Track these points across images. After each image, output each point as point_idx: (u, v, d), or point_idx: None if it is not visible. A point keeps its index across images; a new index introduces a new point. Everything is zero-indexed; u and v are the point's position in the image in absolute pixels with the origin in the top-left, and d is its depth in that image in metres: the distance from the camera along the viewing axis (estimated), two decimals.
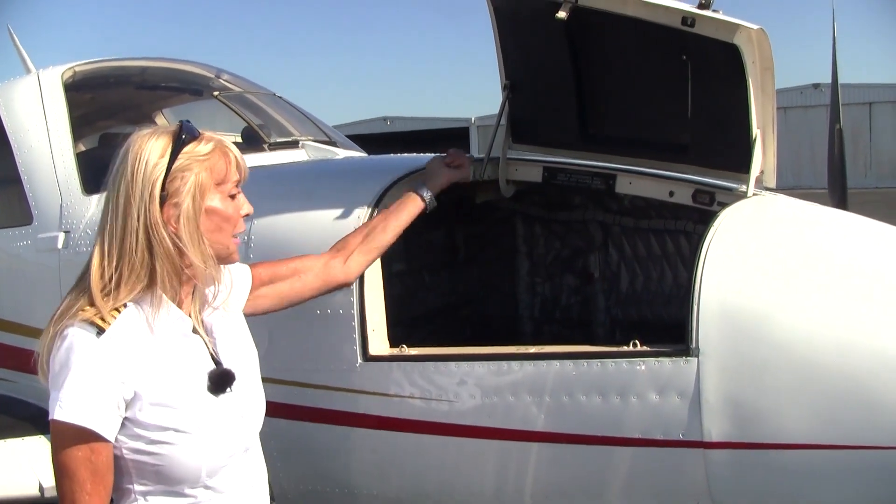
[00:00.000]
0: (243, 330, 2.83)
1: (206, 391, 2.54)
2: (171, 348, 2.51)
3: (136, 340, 2.44)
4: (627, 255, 4.84)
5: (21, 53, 7.90)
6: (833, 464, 3.10)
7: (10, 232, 5.33)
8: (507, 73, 4.26)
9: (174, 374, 2.50)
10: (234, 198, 2.61)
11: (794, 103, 43.69)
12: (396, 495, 3.82)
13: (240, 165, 2.61)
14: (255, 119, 6.09)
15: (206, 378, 2.55)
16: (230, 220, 2.60)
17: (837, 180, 6.77)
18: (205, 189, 2.52)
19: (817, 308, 3.16)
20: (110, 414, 2.41)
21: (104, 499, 2.47)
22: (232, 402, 2.59)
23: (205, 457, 2.50)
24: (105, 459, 2.44)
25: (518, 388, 3.45)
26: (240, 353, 2.71)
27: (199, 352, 2.59)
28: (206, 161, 2.53)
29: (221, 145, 2.59)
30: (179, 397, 2.48)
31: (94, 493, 2.44)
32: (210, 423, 2.52)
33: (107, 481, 2.46)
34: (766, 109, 3.62)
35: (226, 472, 2.58)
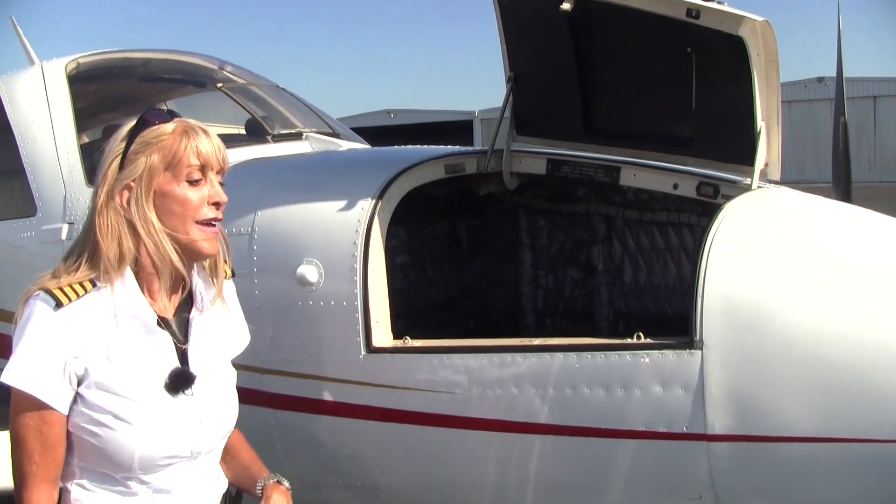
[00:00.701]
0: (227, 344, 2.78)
1: (161, 387, 2.51)
2: (130, 337, 2.50)
3: (92, 320, 2.45)
4: (631, 248, 4.83)
5: (24, 45, 7.91)
6: (835, 457, 3.10)
7: (13, 223, 5.32)
8: (511, 66, 4.26)
9: (127, 362, 2.48)
10: (197, 183, 2.55)
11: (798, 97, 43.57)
12: (399, 487, 3.82)
13: (200, 150, 2.54)
14: (258, 111, 6.08)
15: (166, 375, 2.52)
16: (185, 205, 2.53)
17: (841, 174, 6.76)
18: (154, 171, 2.51)
19: (821, 301, 3.16)
20: (60, 386, 2.43)
21: (51, 471, 2.48)
22: (189, 405, 2.56)
23: (141, 450, 2.47)
24: (57, 432, 2.46)
25: (521, 380, 3.45)
26: (214, 361, 2.68)
27: (164, 348, 2.56)
28: (159, 144, 2.52)
29: (183, 129, 2.55)
30: (127, 386, 2.47)
31: (41, 463, 2.47)
32: (155, 420, 2.49)
33: (56, 454, 2.48)
34: (771, 102, 3.62)
35: (168, 474, 2.55)
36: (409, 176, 4.02)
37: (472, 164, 4.40)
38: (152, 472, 2.52)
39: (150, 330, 2.53)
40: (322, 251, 3.77)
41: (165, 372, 2.52)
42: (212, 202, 2.57)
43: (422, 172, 4.11)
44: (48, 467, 2.48)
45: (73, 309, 2.43)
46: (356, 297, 3.69)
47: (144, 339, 2.52)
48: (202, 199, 2.55)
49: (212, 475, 2.71)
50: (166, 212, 2.52)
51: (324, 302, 3.72)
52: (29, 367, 2.42)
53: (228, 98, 6.13)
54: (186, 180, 2.53)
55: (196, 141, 2.54)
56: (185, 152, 2.52)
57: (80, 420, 2.47)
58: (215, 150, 2.58)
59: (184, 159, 2.52)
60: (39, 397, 2.42)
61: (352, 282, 3.68)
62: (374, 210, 3.77)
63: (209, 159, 2.55)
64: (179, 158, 2.52)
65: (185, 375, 2.55)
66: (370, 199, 3.81)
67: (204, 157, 2.54)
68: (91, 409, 2.46)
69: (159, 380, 2.51)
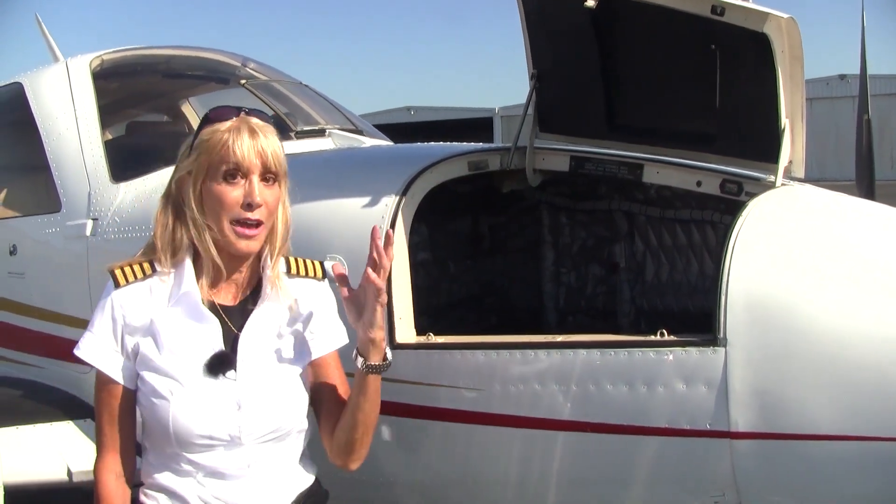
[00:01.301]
0: (297, 341, 2.83)
1: (201, 368, 2.65)
2: (179, 319, 2.68)
3: (145, 301, 2.69)
4: (653, 245, 4.82)
5: (49, 42, 7.95)
6: (859, 455, 3.09)
7: (38, 219, 5.37)
8: (534, 63, 4.26)
9: (172, 342, 2.66)
10: (234, 183, 2.64)
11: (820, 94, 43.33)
12: (422, 482, 3.84)
13: (235, 151, 2.62)
14: (281, 107, 6.10)
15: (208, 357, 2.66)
16: (219, 203, 2.64)
17: (865, 171, 6.73)
18: (201, 167, 2.65)
19: (845, 299, 3.15)
20: (118, 360, 2.70)
21: (118, 442, 2.74)
22: (229, 389, 2.66)
23: (175, 425, 2.62)
24: (120, 403, 2.72)
25: (545, 376, 3.45)
26: (270, 353, 2.76)
27: (212, 332, 2.69)
28: (209, 141, 2.64)
29: (231, 128, 2.64)
30: (169, 364, 2.65)
31: (108, 433, 2.74)
32: (190, 397, 2.63)
33: (124, 426, 2.73)
34: (795, 99, 3.60)
35: (211, 457, 2.67)
36: (432, 172, 4.03)
37: (495, 161, 4.40)
38: (195, 452, 2.65)
39: (199, 314, 2.69)
40: (346, 247, 3.78)
41: (209, 354, 2.65)
42: (244, 203, 2.63)
43: (445, 169, 4.12)
44: (115, 437, 2.73)
45: (129, 290, 2.69)
46: None
47: (192, 322, 2.68)
48: (235, 198, 2.63)
49: (268, 469, 2.77)
50: (207, 208, 2.66)
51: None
52: (91, 341, 2.72)
53: (251, 95, 6.15)
54: (223, 178, 2.63)
55: (237, 142, 2.62)
56: (224, 151, 2.62)
57: (140, 397, 2.70)
58: (257, 152, 2.65)
59: (222, 158, 2.62)
60: (101, 369, 2.71)
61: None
62: (398, 206, 3.78)
63: (242, 161, 2.63)
64: (219, 157, 2.63)
65: (225, 358, 2.67)
66: (394, 196, 3.82)
67: (238, 157, 2.62)
68: (143, 384, 2.68)
69: (201, 361, 2.65)
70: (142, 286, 2.70)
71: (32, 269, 5.42)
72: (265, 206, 2.66)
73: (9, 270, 5.51)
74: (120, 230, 4.82)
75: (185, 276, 2.68)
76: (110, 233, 4.86)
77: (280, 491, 2.80)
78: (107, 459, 2.74)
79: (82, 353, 2.73)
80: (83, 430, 4.83)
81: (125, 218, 4.83)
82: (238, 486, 2.70)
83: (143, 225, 4.68)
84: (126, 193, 4.96)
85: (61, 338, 5.14)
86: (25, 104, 5.59)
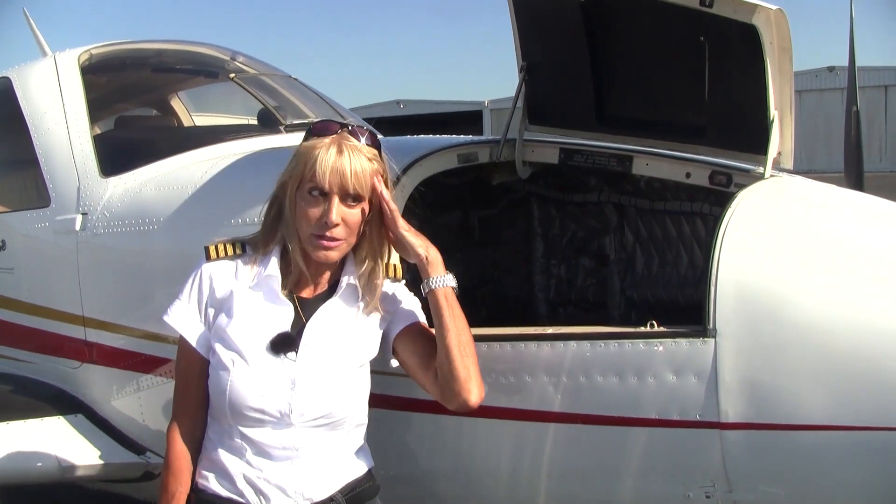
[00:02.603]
0: (368, 337, 3.02)
1: (265, 345, 2.82)
2: (255, 299, 2.88)
3: (229, 277, 2.91)
4: (643, 237, 4.83)
5: (37, 36, 7.92)
6: (849, 445, 3.10)
7: (27, 214, 5.35)
8: (523, 55, 4.26)
9: (243, 318, 2.85)
10: (317, 200, 2.80)
11: (809, 86, 43.46)
12: (414, 475, 3.84)
13: (317, 172, 2.77)
14: (270, 101, 6.10)
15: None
16: (303, 217, 2.82)
17: (854, 163, 6.75)
18: (296, 178, 2.84)
19: (834, 290, 3.16)
20: (198, 327, 2.91)
21: (190, 408, 2.96)
22: (287, 368, 2.82)
23: (231, 393, 2.79)
24: (196, 370, 2.93)
25: (535, 368, 3.45)
26: (334, 345, 2.91)
27: (283, 316, 2.88)
28: (305, 156, 2.82)
29: (326, 149, 2.79)
30: (236, 337, 2.83)
31: (182, 396, 2.98)
32: (249, 370, 2.80)
33: (197, 392, 2.93)
34: (784, 91, 3.61)
35: (262, 433, 2.82)
36: (421, 165, 4.03)
37: (484, 154, 4.40)
38: (246, 426, 2.83)
39: (276, 297, 2.89)
40: None
41: (275, 334, 2.84)
42: (321, 221, 2.80)
43: (434, 162, 4.12)
44: (188, 403, 2.96)
45: (218, 264, 2.94)
46: None
47: (267, 304, 2.88)
48: (314, 215, 2.81)
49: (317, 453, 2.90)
50: (297, 215, 2.84)
51: None
52: (178, 307, 2.94)
53: (241, 88, 6.16)
54: (308, 193, 2.81)
55: (321, 162, 2.78)
56: (311, 170, 2.79)
57: (209, 367, 2.88)
58: (339, 174, 2.79)
59: (309, 175, 2.80)
60: (185, 335, 2.92)
61: None
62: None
63: (322, 182, 2.78)
64: (309, 172, 2.80)
65: (289, 339, 2.85)
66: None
67: (318, 178, 2.79)
68: (213, 356, 2.86)
69: (267, 339, 2.82)
70: (230, 263, 2.94)
71: (22, 264, 5.41)
72: (343, 226, 2.82)
73: None
74: (109, 225, 4.80)
75: (270, 263, 2.89)
76: (100, 227, 4.84)
77: (327, 479, 2.93)
78: (178, 423, 2.96)
79: (171, 319, 2.94)
80: (74, 426, 4.83)
81: (115, 212, 4.82)
82: (284, 469, 2.84)
83: (133, 219, 4.68)
84: (115, 188, 4.94)
85: (51, 333, 5.14)
86: (13, 99, 5.58)
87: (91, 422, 4.87)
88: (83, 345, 4.92)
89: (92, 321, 4.85)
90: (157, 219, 4.54)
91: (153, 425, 4.57)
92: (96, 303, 4.84)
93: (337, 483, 2.95)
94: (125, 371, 4.68)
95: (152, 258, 4.50)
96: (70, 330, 5.00)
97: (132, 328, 4.59)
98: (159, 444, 3.10)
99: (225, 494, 2.86)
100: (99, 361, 4.86)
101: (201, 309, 2.91)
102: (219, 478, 2.87)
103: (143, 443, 4.74)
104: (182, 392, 2.98)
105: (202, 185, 4.42)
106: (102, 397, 4.88)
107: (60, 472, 4.58)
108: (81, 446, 4.73)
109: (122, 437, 4.82)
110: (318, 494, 2.90)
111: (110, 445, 4.79)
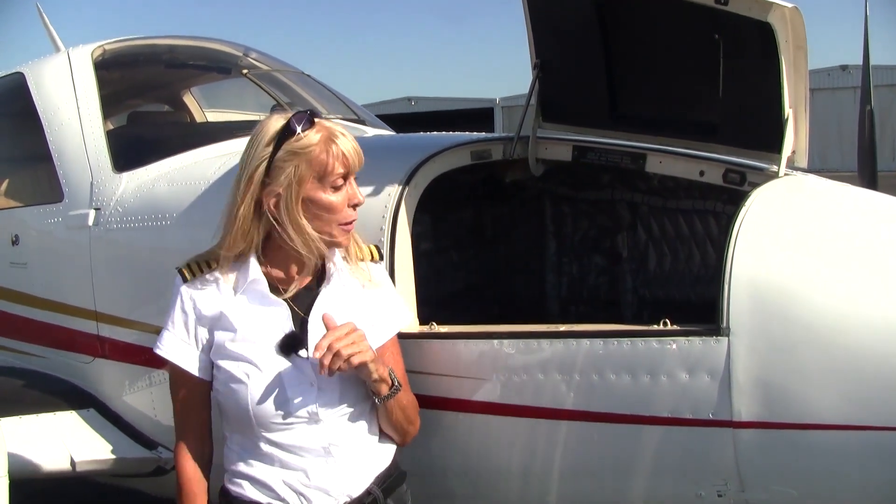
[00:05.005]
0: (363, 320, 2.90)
1: (273, 350, 2.77)
2: (247, 307, 2.81)
3: (214, 293, 2.83)
4: (655, 235, 4.82)
5: (50, 32, 7.94)
6: (863, 445, 3.09)
7: (40, 209, 5.37)
8: (537, 52, 4.25)
9: (243, 328, 2.80)
10: (340, 188, 2.76)
11: (822, 85, 43.25)
12: (424, 472, 3.83)
13: (346, 158, 2.74)
14: (283, 97, 6.10)
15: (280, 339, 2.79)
16: (332, 210, 2.77)
17: (867, 162, 6.71)
18: (302, 180, 2.71)
19: (849, 289, 3.14)
20: (193, 352, 2.85)
21: (194, 430, 2.93)
22: (303, 368, 2.79)
23: (254, 407, 2.75)
24: (196, 395, 2.90)
25: (547, 366, 3.45)
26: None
27: (280, 315, 2.82)
28: (307, 154, 2.70)
29: (328, 138, 2.73)
30: (243, 349, 2.78)
31: (183, 421, 2.94)
32: (267, 379, 2.76)
33: (199, 415, 2.92)
34: (799, 89, 3.60)
35: (291, 436, 2.80)
36: (435, 162, 4.02)
37: (497, 151, 4.40)
38: (275, 431, 2.79)
39: (267, 300, 2.82)
40: None
41: (280, 336, 2.78)
42: (351, 204, 2.79)
43: (448, 159, 4.11)
44: (190, 425, 2.93)
45: (196, 284, 2.86)
46: None
47: (261, 308, 2.82)
48: (344, 202, 2.77)
49: (349, 447, 2.90)
50: (312, 215, 2.75)
51: None
52: (168, 338, 2.87)
53: (253, 84, 6.15)
54: (332, 187, 2.74)
55: (341, 149, 2.73)
56: (333, 162, 2.72)
57: (217, 385, 2.85)
58: (356, 153, 2.78)
59: (331, 169, 2.72)
60: (179, 364, 2.86)
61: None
62: (401, 196, 3.78)
63: (353, 165, 2.76)
64: (328, 169, 2.72)
65: (296, 338, 2.80)
66: (397, 186, 3.81)
67: (350, 164, 2.76)
68: (221, 373, 2.82)
69: (273, 343, 2.77)
70: (209, 280, 2.86)
71: (35, 259, 5.42)
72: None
73: (11, 261, 5.51)
74: (122, 220, 4.82)
75: (250, 267, 2.81)
76: (112, 223, 4.86)
77: (361, 472, 2.93)
78: (186, 447, 2.92)
79: (163, 351, 2.88)
80: (86, 420, 4.85)
81: (127, 208, 4.83)
82: (322, 467, 2.83)
83: (145, 215, 4.69)
84: (128, 183, 4.95)
85: (64, 328, 5.15)
86: (27, 94, 5.59)
87: (103, 417, 4.88)
88: (96, 340, 4.94)
89: (104, 316, 4.87)
90: (169, 214, 4.55)
91: (165, 420, 4.56)
92: (109, 298, 4.85)
93: (370, 475, 2.96)
94: (137, 366, 4.69)
95: (165, 254, 4.49)
96: (83, 325, 5.01)
97: (145, 323, 4.59)
98: (171, 438, 3.08)
99: (265, 501, 2.84)
100: (111, 356, 4.88)
101: (189, 332, 2.85)
102: (254, 485, 2.85)
103: (155, 438, 4.74)
104: (184, 417, 2.96)
105: (215, 180, 4.43)
106: (114, 392, 4.90)
107: (72, 466, 4.58)
108: (93, 441, 4.74)
109: (134, 432, 4.83)
110: (356, 489, 2.90)
111: (122, 440, 4.80)
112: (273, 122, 2.76)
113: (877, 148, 6.99)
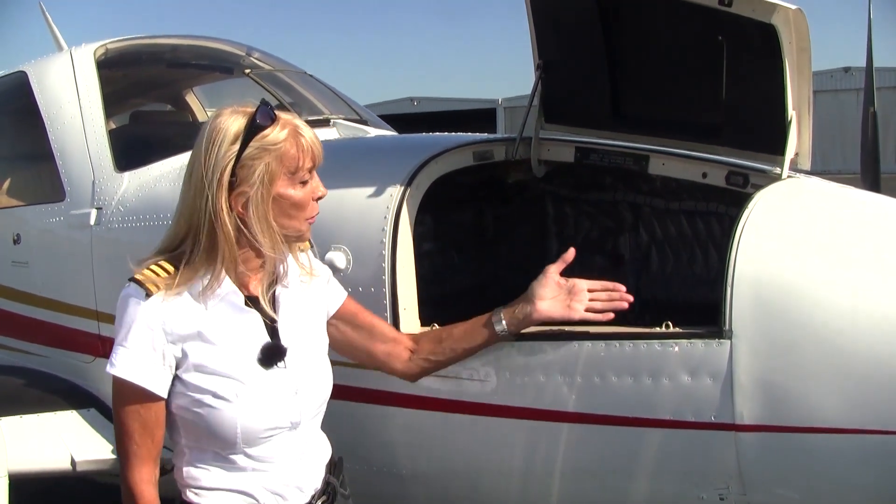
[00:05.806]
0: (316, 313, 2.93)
1: (255, 363, 2.64)
2: (221, 319, 2.62)
3: (183, 307, 2.58)
4: (658, 237, 4.80)
5: (53, 31, 7.96)
6: (865, 448, 3.08)
7: (42, 208, 5.37)
8: (540, 53, 4.25)
9: (220, 342, 2.61)
10: (307, 183, 2.66)
11: (824, 87, 43.24)
12: (425, 473, 3.83)
13: (313, 151, 2.65)
14: (286, 97, 6.10)
15: (258, 350, 2.65)
16: (300, 206, 2.67)
17: (870, 164, 6.71)
18: (274, 177, 2.58)
19: (852, 292, 3.13)
20: (159, 371, 2.58)
21: (151, 452, 2.65)
22: (284, 377, 2.68)
23: (242, 425, 2.60)
24: (154, 414, 2.62)
25: (549, 368, 3.44)
26: (305, 332, 2.80)
27: (254, 325, 2.68)
28: (277, 150, 2.57)
29: (295, 132, 2.62)
30: (223, 365, 2.60)
31: (141, 444, 2.62)
32: (253, 394, 2.61)
33: (155, 435, 2.65)
34: (802, 91, 3.59)
35: (271, 446, 2.68)
36: (437, 163, 4.02)
37: (500, 152, 4.39)
38: (256, 446, 2.66)
39: (240, 310, 2.66)
40: (350, 238, 3.78)
41: (258, 348, 2.65)
42: (315, 197, 2.70)
43: (450, 159, 4.11)
44: (149, 448, 2.64)
45: (160, 296, 2.57)
46: (384, 283, 3.70)
47: (235, 319, 2.65)
48: (309, 196, 2.67)
49: (314, 443, 2.85)
50: (281, 213, 2.63)
51: (352, 288, 3.71)
52: (126, 357, 2.56)
53: (256, 84, 6.15)
54: (300, 182, 2.64)
55: (308, 143, 2.62)
56: (302, 157, 2.61)
57: (184, 402, 2.62)
58: (319, 144, 2.68)
59: (301, 164, 2.62)
60: (140, 384, 2.56)
61: (380, 268, 3.69)
62: (403, 197, 3.78)
63: (318, 157, 2.67)
64: (298, 164, 2.61)
65: (277, 349, 2.68)
66: (399, 186, 3.81)
67: (316, 156, 2.66)
68: (192, 390, 2.60)
69: (252, 356, 2.63)
70: (173, 292, 2.58)
71: (36, 258, 5.43)
72: None
73: (13, 259, 5.52)
74: (124, 219, 4.82)
75: (221, 277, 2.61)
76: (114, 222, 4.86)
77: (322, 464, 2.89)
78: (143, 470, 2.64)
79: (118, 371, 2.56)
80: (87, 420, 4.84)
81: (129, 207, 4.83)
82: (296, 468, 2.76)
83: (147, 214, 4.68)
84: (130, 182, 4.95)
85: (65, 327, 5.15)
86: (29, 93, 5.59)
87: (104, 416, 4.88)
88: (97, 339, 4.94)
89: (106, 316, 4.86)
90: (171, 214, 4.53)
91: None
92: (110, 297, 4.82)
93: (324, 465, 2.91)
94: None
95: None
96: (84, 324, 5.01)
97: None
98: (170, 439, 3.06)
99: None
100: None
101: (158, 350, 2.56)
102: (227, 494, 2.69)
103: None
104: (140, 438, 2.62)
105: None
106: None
107: (72, 466, 4.58)
108: (94, 441, 4.73)
109: None
110: (319, 481, 2.86)
111: None
112: (231, 119, 2.58)
113: (880, 150, 6.99)
